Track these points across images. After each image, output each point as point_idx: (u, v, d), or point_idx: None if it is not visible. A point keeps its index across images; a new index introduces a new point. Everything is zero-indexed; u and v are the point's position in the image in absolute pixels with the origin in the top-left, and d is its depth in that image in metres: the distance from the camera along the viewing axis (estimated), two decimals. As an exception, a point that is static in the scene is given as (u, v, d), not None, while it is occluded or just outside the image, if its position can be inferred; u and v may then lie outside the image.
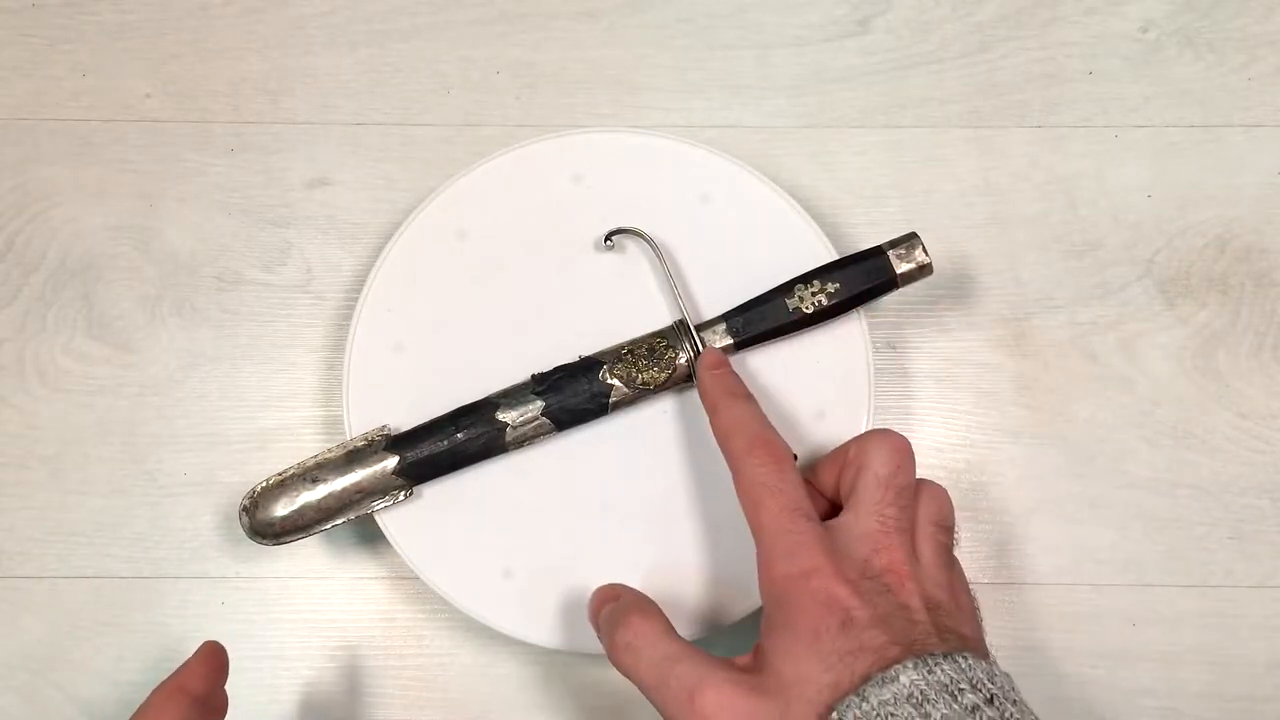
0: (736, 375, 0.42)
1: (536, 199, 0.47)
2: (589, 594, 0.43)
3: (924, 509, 0.38)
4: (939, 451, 0.48)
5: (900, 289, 0.45)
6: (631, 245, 0.47)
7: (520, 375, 0.45)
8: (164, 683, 0.37)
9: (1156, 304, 0.49)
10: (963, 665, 0.32)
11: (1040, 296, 0.49)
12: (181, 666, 0.37)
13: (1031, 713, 0.32)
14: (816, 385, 0.45)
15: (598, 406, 0.44)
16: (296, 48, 0.52)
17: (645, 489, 0.45)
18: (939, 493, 0.39)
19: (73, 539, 0.46)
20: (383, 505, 0.43)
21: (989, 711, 0.31)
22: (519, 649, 0.45)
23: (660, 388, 0.44)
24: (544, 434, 0.44)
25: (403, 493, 0.43)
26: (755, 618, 0.44)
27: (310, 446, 0.47)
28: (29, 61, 0.52)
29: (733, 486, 0.45)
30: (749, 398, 0.41)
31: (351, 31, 0.52)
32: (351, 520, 0.43)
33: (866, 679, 0.32)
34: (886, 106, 0.52)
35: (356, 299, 0.46)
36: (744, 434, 0.39)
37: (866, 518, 0.37)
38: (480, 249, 0.47)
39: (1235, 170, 0.51)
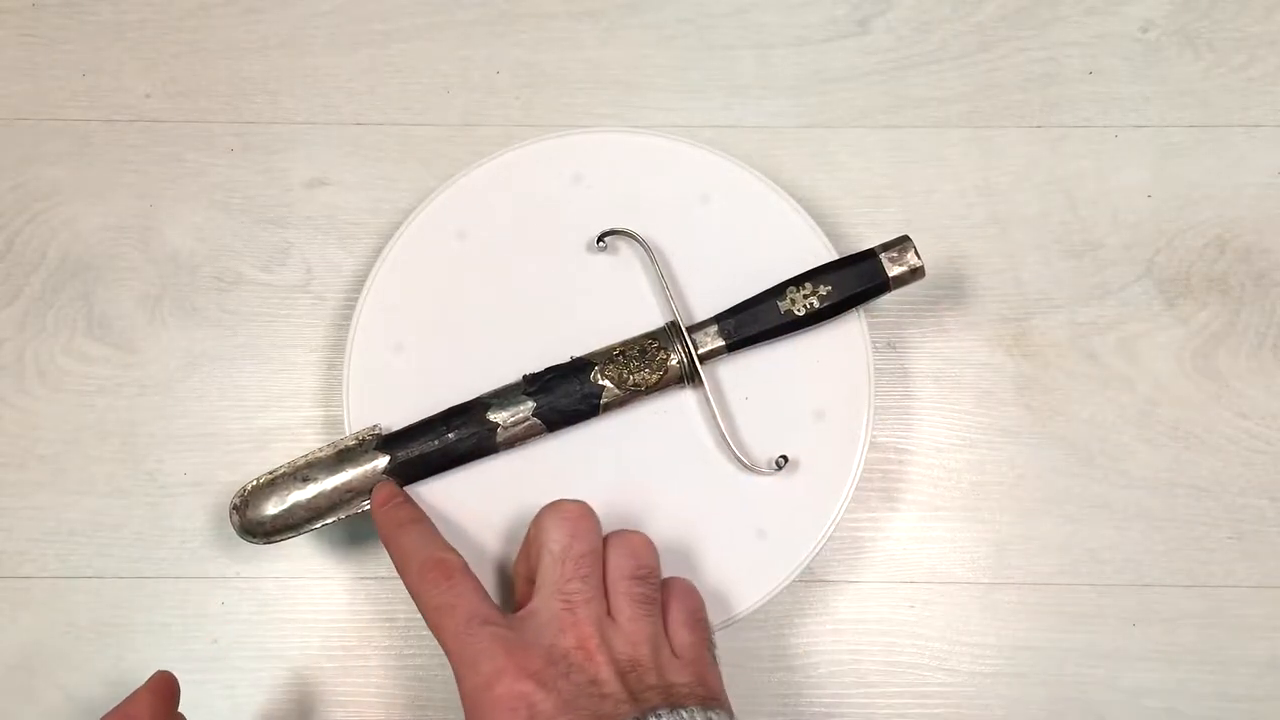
0: (406, 502, 0.42)
1: (536, 199, 0.47)
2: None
3: (613, 566, 0.38)
4: (939, 451, 0.48)
5: (900, 289, 0.45)
6: (631, 246, 0.47)
7: (520, 376, 0.45)
8: (110, 713, 0.37)
9: (1156, 304, 0.49)
10: None
11: (1040, 296, 0.49)
12: (129, 696, 0.38)
13: None
14: (816, 385, 0.45)
15: (589, 407, 0.44)
16: (296, 48, 0.52)
17: (642, 489, 0.44)
18: (628, 541, 0.39)
19: (73, 539, 0.46)
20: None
21: None
22: (519, 649, 0.45)
23: (652, 389, 0.44)
24: (535, 434, 0.44)
25: None
26: (755, 618, 0.44)
27: (310, 447, 0.47)
28: (29, 61, 0.52)
29: (727, 486, 0.45)
30: (417, 521, 0.41)
31: (351, 31, 0.52)
32: (343, 519, 0.43)
33: None
34: (886, 106, 0.52)
35: (356, 299, 0.46)
36: (414, 561, 0.39)
37: (550, 600, 0.37)
38: (480, 249, 0.47)
39: (1235, 170, 0.51)
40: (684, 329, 0.44)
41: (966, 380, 0.48)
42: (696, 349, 0.44)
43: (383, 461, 0.43)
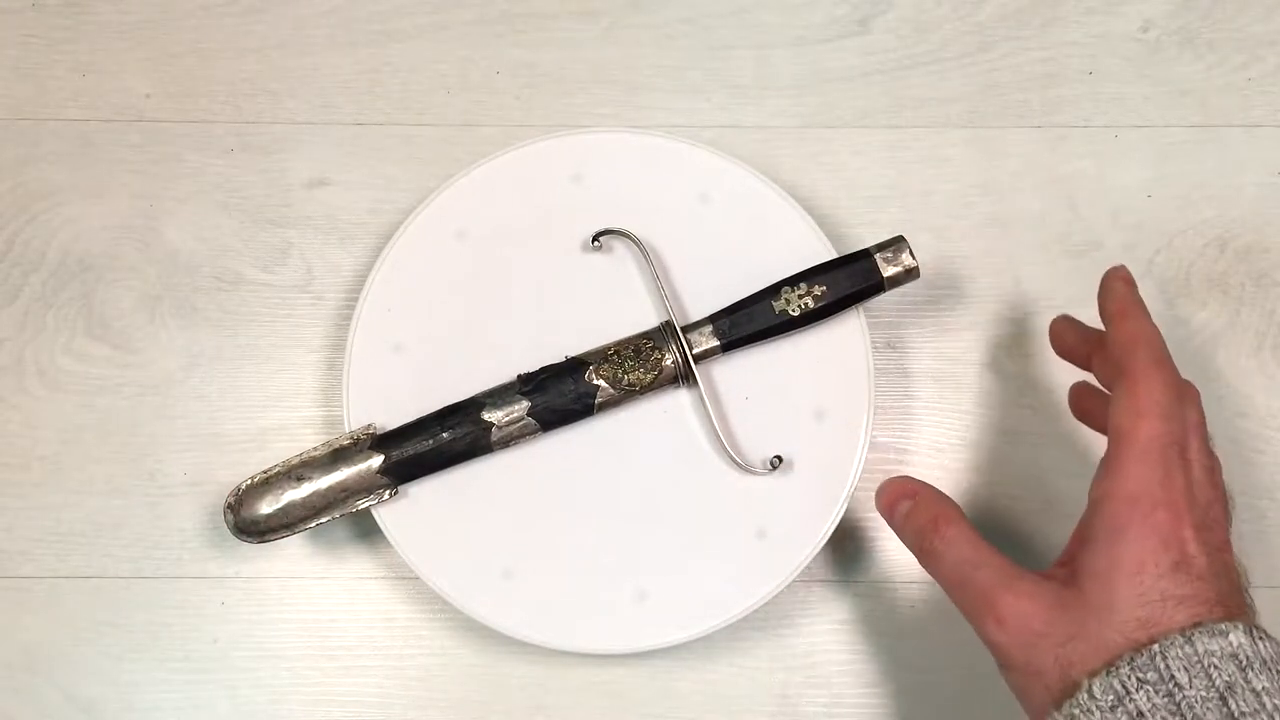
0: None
1: (536, 199, 0.47)
2: (588, 593, 0.43)
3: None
4: (938, 451, 0.48)
5: (899, 289, 0.45)
6: (629, 246, 0.47)
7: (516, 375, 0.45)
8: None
9: (1156, 304, 0.49)
10: (1278, 650, 0.32)
11: (1040, 296, 0.49)
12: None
13: None
14: (816, 385, 0.45)
15: (583, 407, 0.44)
16: (296, 48, 0.52)
17: (639, 489, 0.45)
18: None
19: (73, 539, 0.46)
20: (367, 504, 0.43)
21: None
22: (519, 649, 0.45)
23: (646, 389, 0.44)
24: (529, 434, 0.44)
25: (387, 491, 0.43)
26: (755, 618, 0.44)
27: (309, 447, 0.47)
28: (29, 61, 0.52)
29: (726, 486, 0.45)
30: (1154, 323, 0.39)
31: (351, 31, 0.52)
32: (337, 518, 0.43)
33: (1183, 628, 0.32)
34: (886, 106, 0.52)
35: (356, 299, 0.46)
36: (1153, 350, 0.37)
37: (1196, 463, 0.35)
38: (480, 249, 0.47)
39: (1235, 170, 0.51)
40: (678, 329, 0.44)
41: (966, 380, 0.48)
42: (691, 349, 0.44)
43: (377, 461, 0.43)
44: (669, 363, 0.44)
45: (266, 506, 0.43)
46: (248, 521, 0.42)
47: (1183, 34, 0.53)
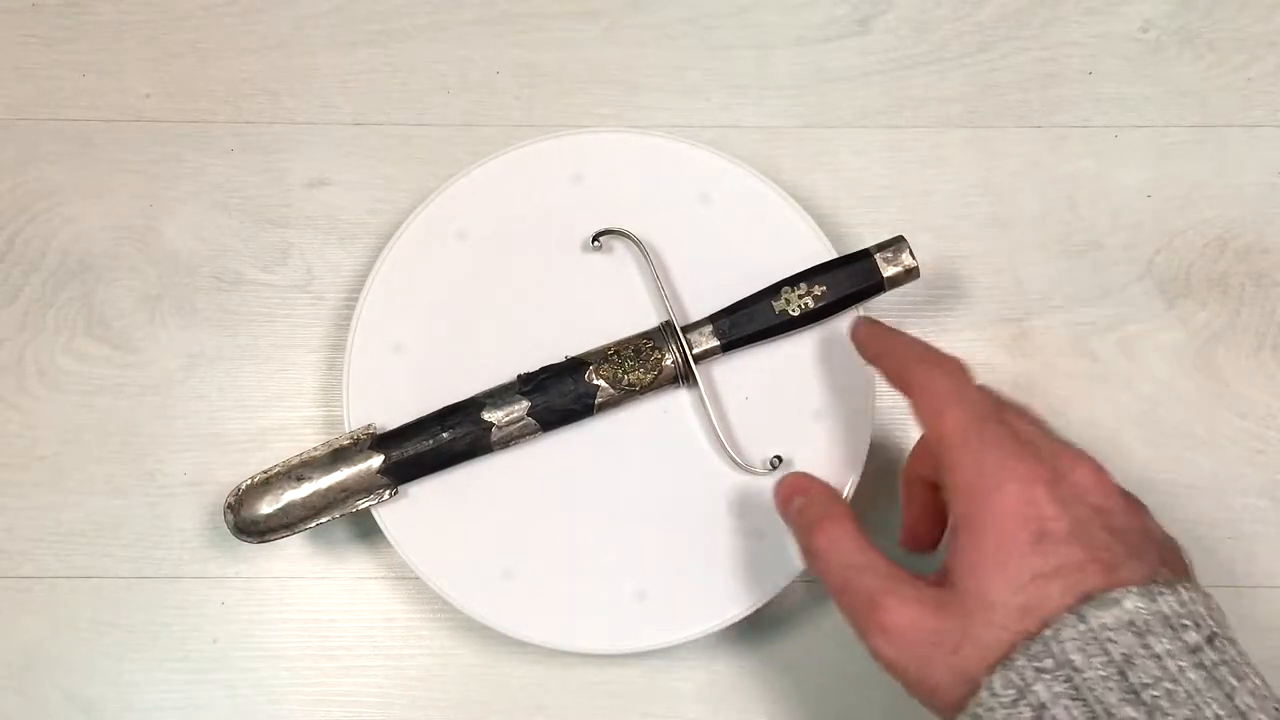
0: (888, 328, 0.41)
1: (536, 199, 0.47)
2: (588, 593, 0.43)
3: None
4: (939, 451, 0.48)
5: (899, 289, 0.45)
6: (629, 246, 0.47)
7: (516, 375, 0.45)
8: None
9: (1156, 304, 0.49)
10: (1184, 598, 0.30)
11: (1040, 296, 0.49)
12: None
13: (1245, 655, 0.31)
14: (816, 385, 0.45)
15: (583, 407, 0.44)
16: (296, 48, 0.52)
17: (639, 489, 0.45)
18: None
19: (73, 539, 0.46)
20: (367, 504, 0.43)
21: (1210, 654, 0.30)
22: (519, 649, 0.45)
23: (646, 389, 0.44)
24: (529, 434, 0.44)
25: (388, 491, 0.43)
26: (754, 618, 0.44)
27: (309, 447, 0.47)
28: (29, 61, 0.52)
29: (726, 487, 0.45)
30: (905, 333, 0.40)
31: (351, 31, 0.52)
32: (337, 518, 0.43)
33: (1070, 605, 0.30)
34: (886, 106, 0.52)
35: (356, 299, 0.46)
36: (914, 353, 0.38)
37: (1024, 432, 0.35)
38: (480, 249, 0.47)
39: (1235, 170, 0.51)
40: (678, 329, 0.44)
41: (966, 380, 0.48)
42: (691, 349, 0.44)
43: (377, 460, 0.43)
44: (669, 363, 0.44)
45: (266, 506, 0.43)
46: (248, 521, 0.42)
47: (1183, 34, 0.53)
